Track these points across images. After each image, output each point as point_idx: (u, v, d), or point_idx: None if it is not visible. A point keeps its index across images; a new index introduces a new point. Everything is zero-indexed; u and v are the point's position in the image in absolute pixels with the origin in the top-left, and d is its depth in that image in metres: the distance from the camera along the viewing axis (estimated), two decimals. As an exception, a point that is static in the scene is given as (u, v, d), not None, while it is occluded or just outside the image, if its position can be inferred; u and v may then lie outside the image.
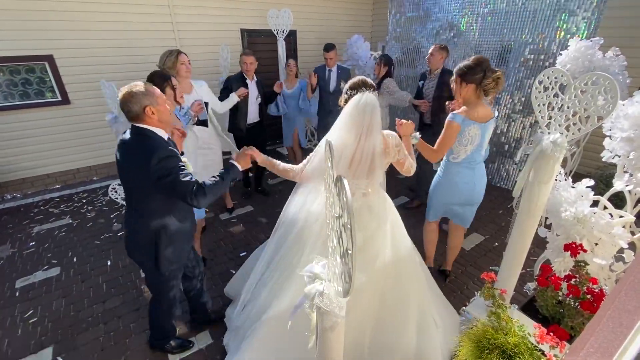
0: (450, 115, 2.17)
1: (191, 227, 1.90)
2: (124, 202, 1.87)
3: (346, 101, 1.73)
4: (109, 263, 3.03)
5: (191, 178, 1.59)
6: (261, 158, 1.90)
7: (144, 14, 4.49)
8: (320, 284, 1.09)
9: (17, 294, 2.69)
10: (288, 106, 4.30)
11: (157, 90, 1.64)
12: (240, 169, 1.79)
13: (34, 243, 3.34)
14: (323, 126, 4.30)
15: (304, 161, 1.89)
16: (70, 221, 3.74)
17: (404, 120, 2.00)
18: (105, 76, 4.02)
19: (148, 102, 1.57)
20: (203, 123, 2.96)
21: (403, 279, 1.90)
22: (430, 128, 3.49)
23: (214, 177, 1.67)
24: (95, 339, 2.27)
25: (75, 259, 3.09)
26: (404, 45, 5.42)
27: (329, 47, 4.09)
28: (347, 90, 1.73)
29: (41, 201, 4.21)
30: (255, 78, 3.62)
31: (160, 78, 2.16)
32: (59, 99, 4.29)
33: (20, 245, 3.31)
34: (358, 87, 1.69)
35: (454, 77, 2.19)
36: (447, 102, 2.68)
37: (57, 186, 4.63)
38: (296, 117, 4.43)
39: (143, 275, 2.74)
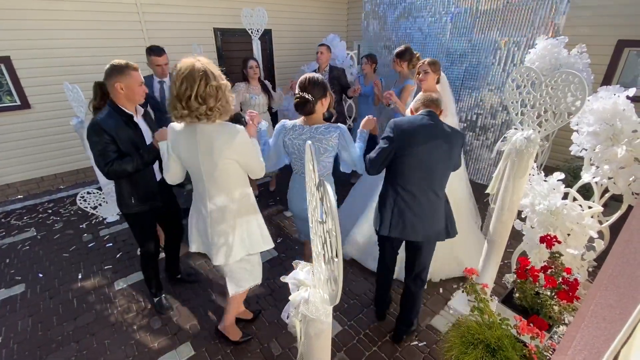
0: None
1: None
2: (94, 211, 1.75)
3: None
4: (79, 276, 2.86)
5: None
6: None
7: (109, 12, 4.26)
8: (305, 290, 1.06)
9: (-23, 315, 2.48)
10: None
11: None
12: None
13: (-6, 259, 3.11)
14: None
15: None
16: (35, 234, 3.50)
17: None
18: (69, 78, 3.78)
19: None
20: None
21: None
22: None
23: None
24: (67, 359, 2.13)
25: (41, 275, 2.89)
26: (379, 44, 5.44)
27: (160, 51, 2.92)
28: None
29: (1, 213, 3.92)
30: (141, 110, 2.03)
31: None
32: (18, 103, 4.00)
33: (-22, 262, 3.07)
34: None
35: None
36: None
37: (20, 196, 4.32)
38: None
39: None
